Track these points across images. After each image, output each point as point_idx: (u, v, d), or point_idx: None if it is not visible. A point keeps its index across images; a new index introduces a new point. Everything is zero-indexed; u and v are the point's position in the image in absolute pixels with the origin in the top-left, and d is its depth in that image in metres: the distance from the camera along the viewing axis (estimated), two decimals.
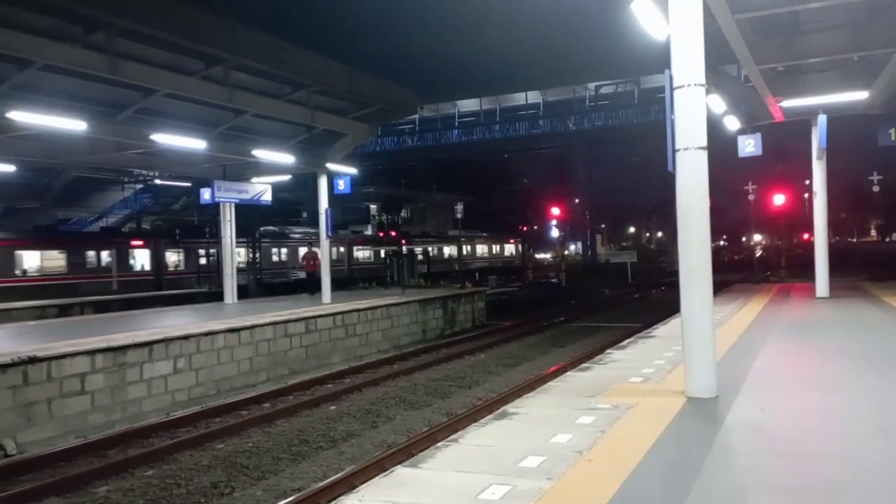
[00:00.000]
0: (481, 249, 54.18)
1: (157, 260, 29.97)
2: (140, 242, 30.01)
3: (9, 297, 22.78)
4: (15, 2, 11.51)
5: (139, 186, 38.97)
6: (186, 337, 12.86)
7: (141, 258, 29.69)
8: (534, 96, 46.04)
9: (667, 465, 5.01)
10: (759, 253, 68.62)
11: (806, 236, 61.01)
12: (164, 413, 11.83)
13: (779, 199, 35.66)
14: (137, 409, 11.67)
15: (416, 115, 43.09)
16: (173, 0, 13.67)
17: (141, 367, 11.83)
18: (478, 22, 16.76)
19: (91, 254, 27.61)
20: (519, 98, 46.33)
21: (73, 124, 13.99)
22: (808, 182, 21.71)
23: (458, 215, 32.06)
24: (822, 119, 16.24)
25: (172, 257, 31.17)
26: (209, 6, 14.15)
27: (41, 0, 11.57)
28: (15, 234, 26.89)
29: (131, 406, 11.58)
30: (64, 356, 10.59)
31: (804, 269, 28.21)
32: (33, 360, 10.14)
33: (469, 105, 47.50)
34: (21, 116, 13.22)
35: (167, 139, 16.17)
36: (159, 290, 28.17)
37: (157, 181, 31.75)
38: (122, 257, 28.75)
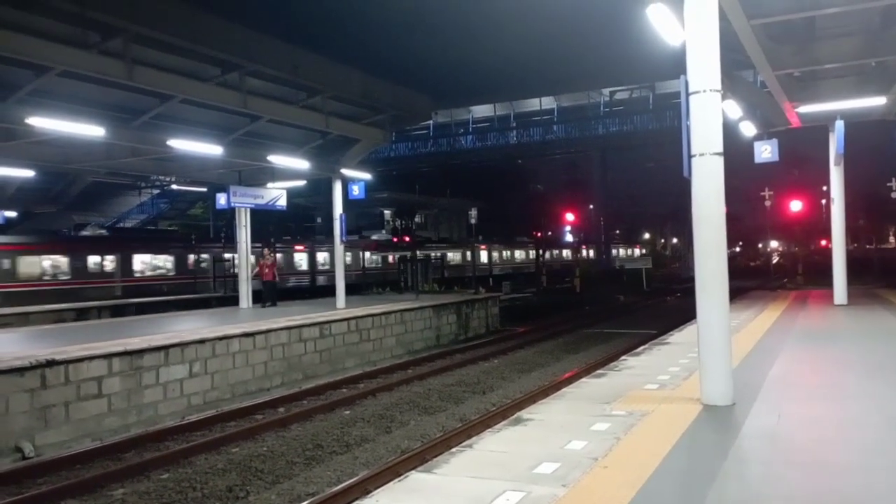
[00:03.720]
0: (495, 255, 54.09)
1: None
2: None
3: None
4: (32, 8, 11.65)
5: (156, 191, 39.29)
6: (202, 341, 12.93)
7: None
8: (548, 102, 45.87)
9: (682, 473, 4.99)
10: (775, 259, 68.11)
11: (823, 243, 60.50)
12: (179, 417, 11.91)
13: (795, 206, 35.34)
14: (153, 412, 11.74)
15: (431, 121, 43.12)
16: (189, 7, 13.77)
17: (157, 370, 11.91)
18: (492, 28, 16.74)
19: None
20: (533, 104, 46.15)
21: (92, 130, 14.13)
22: (825, 188, 21.55)
23: (472, 221, 32.00)
24: (839, 125, 16.12)
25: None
26: (225, 13, 14.24)
27: (58, 7, 11.70)
28: None
29: (147, 409, 11.65)
30: (81, 359, 10.68)
31: (821, 276, 27.98)
32: (51, 364, 10.23)
33: (483, 111, 47.41)
34: (39, 122, 13.37)
35: (183, 145, 16.30)
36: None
37: (174, 186, 31.98)
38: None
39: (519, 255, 57.85)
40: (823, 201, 36.70)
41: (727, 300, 6.92)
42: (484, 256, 50.95)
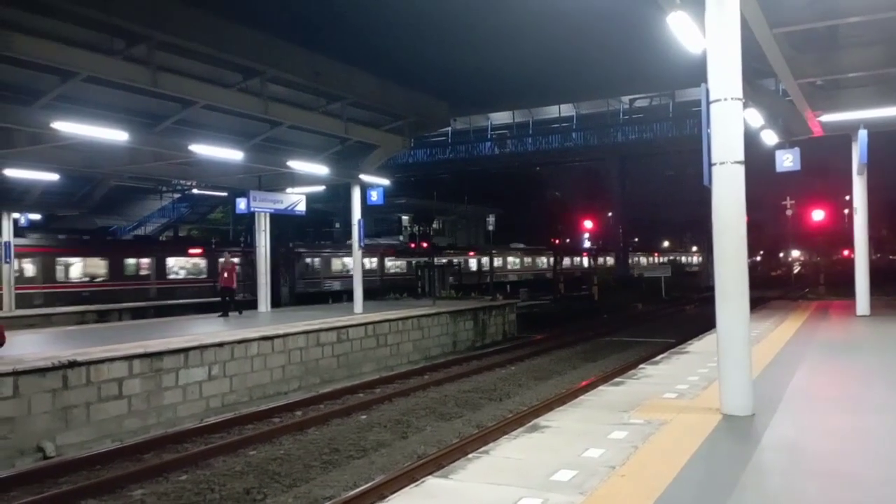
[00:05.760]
0: (512, 262, 54.03)
1: None
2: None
3: None
4: (60, 16, 11.86)
5: (177, 196, 39.67)
6: (221, 344, 13.04)
7: None
8: (567, 109, 45.79)
9: (701, 483, 4.95)
10: (797, 269, 67.38)
11: (846, 253, 59.76)
12: (198, 419, 12.01)
13: (818, 215, 35.02)
14: (172, 414, 11.84)
15: (449, 128, 43.22)
16: (212, 15, 13.95)
17: (176, 373, 12.03)
18: (512, 35, 16.77)
19: None
20: (552, 111, 46.12)
21: (115, 135, 14.33)
22: (848, 198, 21.31)
23: (490, 227, 32.01)
24: (862, 134, 15.95)
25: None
26: (247, 21, 14.40)
27: (85, 14, 11.90)
28: None
29: (166, 411, 11.76)
30: (102, 361, 10.82)
31: (843, 286, 27.64)
32: (73, 365, 10.36)
33: (502, 118, 47.42)
34: (64, 126, 13.57)
35: (205, 150, 16.47)
36: None
37: (195, 191, 32.31)
38: None
39: (536, 262, 57.72)
40: (846, 211, 36.29)
41: (748, 309, 6.87)
42: (501, 263, 50.89)
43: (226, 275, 19.77)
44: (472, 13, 15.61)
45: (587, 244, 59.95)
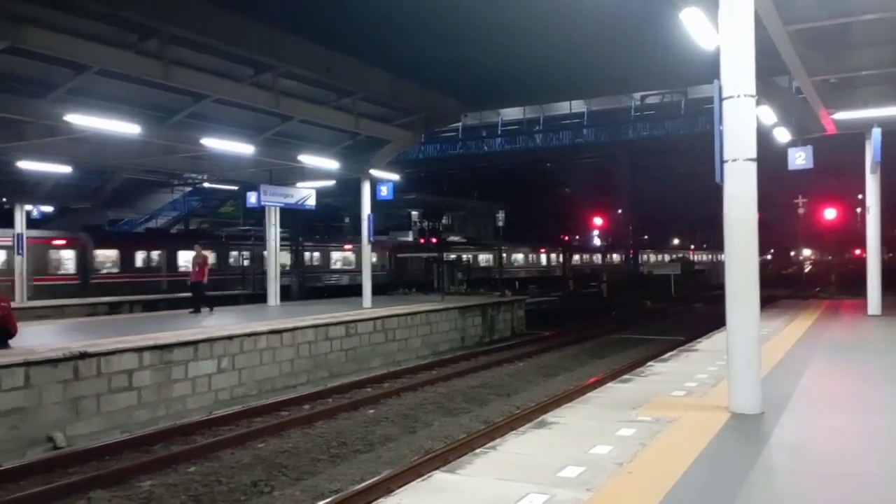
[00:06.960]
0: (521, 258, 53.96)
1: None
2: None
3: None
4: (73, 10, 11.91)
5: (188, 189, 39.76)
6: (230, 337, 13.10)
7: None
8: (578, 105, 45.55)
9: (708, 482, 4.94)
10: (808, 268, 66.97)
11: (858, 252, 59.30)
12: (206, 411, 12.07)
13: (830, 214, 34.77)
14: (181, 406, 11.91)
15: (460, 124, 43.13)
16: (225, 9, 13.95)
17: (186, 365, 12.09)
18: (523, 32, 16.68)
19: None
20: (563, 107, 45.93)
21: (128, 127, 14.40)
22: (860, 196, 21.16)
23: (500, 223, 31.98)
24: (876, 132, 15.83)
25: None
26: (259, 16, 14.40)
27: (98, 9, 11.94)
28: None
29: (175, 403, 11.83)
30: (113, 353, 10.89)
31: (855, 285, 27.46)
32: (84, 356, 10.44)
33: (512, 113, 47.25)
34: (78, 119, 13.66)
35: (216, 143, 16.54)
36: None
37: (206, 184, 32.40)
38: None
39: (545, 258, 57.61)
40: (858, 209, 36.00)
41: (758, 308, 6.83)
42: (510, 259, 50.83)
43: (197, 269, 18.73)
44: (485, 9, 15.55)
45: (597, 241, 59.80)
